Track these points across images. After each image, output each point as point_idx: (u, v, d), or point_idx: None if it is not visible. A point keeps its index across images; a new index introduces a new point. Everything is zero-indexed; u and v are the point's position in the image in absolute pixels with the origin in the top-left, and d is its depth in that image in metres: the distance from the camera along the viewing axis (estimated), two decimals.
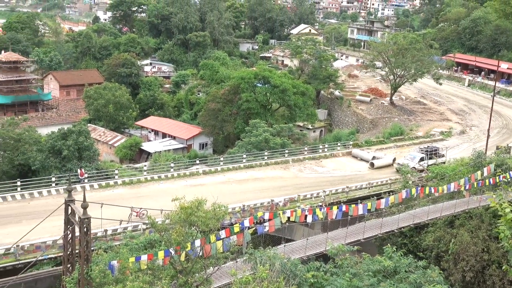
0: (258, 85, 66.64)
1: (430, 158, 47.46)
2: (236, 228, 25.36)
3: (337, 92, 79.48)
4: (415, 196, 33.87)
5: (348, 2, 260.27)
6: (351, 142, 54.91)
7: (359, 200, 35.60)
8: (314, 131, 72.89)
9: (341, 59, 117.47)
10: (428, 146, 49.95)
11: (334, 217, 29.40)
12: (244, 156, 47.77)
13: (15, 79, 79.72)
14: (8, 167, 46.25)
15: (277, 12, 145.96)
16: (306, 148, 52.59)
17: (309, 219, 29.03)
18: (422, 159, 46.96)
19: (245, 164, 46.45)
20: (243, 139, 54.13)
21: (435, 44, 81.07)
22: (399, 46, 70.48)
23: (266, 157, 48.53)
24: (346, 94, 79.12)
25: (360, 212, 30.27)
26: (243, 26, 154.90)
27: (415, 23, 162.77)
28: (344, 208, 29.78)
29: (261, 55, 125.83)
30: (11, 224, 32.13)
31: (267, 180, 43.69)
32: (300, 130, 66.29)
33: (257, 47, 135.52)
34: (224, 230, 24.67)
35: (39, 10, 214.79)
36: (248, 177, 44.03)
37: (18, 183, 38.01)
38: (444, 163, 47.25)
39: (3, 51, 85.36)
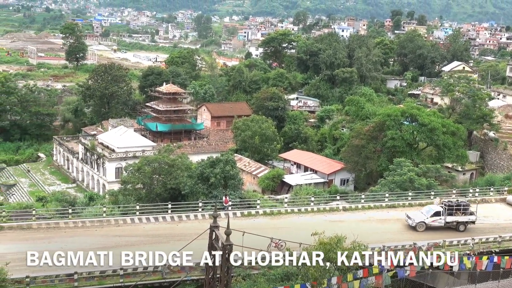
0: (405, 123, 64.62)
1: (450, 215, 40.31)
2: (375, 269, 24.54)
3: (491, 134, 74.35)
4: None
5: (507, 39, 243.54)
6: (506, 188, 50.65)
7: None
8: (464, 174, 68.56)
9: (498, 99, 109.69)
10: (455, 201, 42.01)
11: (483, 268, 27.21)
12: (387, 195, 46.34)
13: (173, 109, 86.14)
14: (161, 190, 49.64)
15: (429, 48, 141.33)
16: (454, 191, 49.56)
17: (455, 267, 27.14)
18: (437, 214, 40.32)
19: (387, 203, 45.02)
20: (387, 178, 52.58)
21: None
22: None
23: (410, 198, 46.58)
24: (502, 136, 73.69)
25: None
26: (391, 62, 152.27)
27: None
28: (495, 259, 27.46)
29: (409, 92, 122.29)
30: (160, 244, 34.43)
31: None
32: (449, 172, 62.74)
33: (405, 84, 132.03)
34: (362, 270, 24.02)
35: (198, 46, 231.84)
36: (390, 217, 42.54)
37: (169, 206, 40.77)
38: (473, 222, 40.66)
39: (164, 83, 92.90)
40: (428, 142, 63.51)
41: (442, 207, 40.59)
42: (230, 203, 42.73)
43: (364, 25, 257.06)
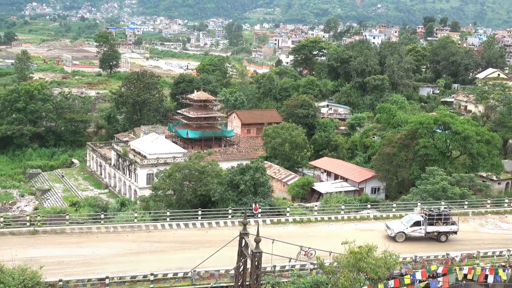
0: (438, 130, 63.57)
1: (431, 224, 38.89)
2: (407, 280, 24.16)
3: None
4: None
5: None
6: None
7: None
8: (499, 183, 66.97)
9: None
10: (436, 210, 40.31)
11: None
12: (419, 204, 45.61)
13: (203, 116, 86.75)
14: (192, 196, 49.98)
15: (462, 55, 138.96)
16: (489, 201, 48.48)
17: (490, 279, 26.54)
18: (417, 224, 38.82)
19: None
20: (419, 186, 51.81)
21: None
22: None
23: (442, 207, 45.73)
24: None
25: None
26: (424, 69, 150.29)
27: None
28: None
29: (442, 99, 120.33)
30: (190, 250, 34.65)
31: None
32: (483, 181, 61.33)
33: (438, 92, 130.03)
34: (393, 280, 23.66)
35: (228, 54, 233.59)
36: None
37: (199, 212, 41.04)
38: (455, 233, 39.20)
39: (195, 91, 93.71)
40: (462, 150, 62.32)
41: (422, 216, 39.34)
42: (259, 210, 42.72)
43: (396, 32, 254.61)
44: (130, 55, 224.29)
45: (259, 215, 42.30)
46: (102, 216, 40.86)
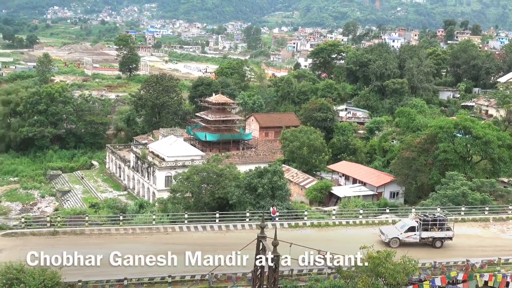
0: (458, 135, 62.90)
1: (426, 230, 38.14)
2: (426, 286, 23.96)
3: None
4: None
5: None
6: None
7: None
8: None
9: None
10: (431, 215, 39.40)
11: None
12: (438, 209, 45.14)
13: (222, 119, 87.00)
14: (209, 199, 50.11)
15: (483, 59, 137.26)
16: (510, 207, 47.75)
17: None
18: (412, 229, 38.17)
19: None
20: (438, 191, 51.26)
21: None
22: None
23: (462, 213, 45.24)
24: None
25: None
26: (444, 73, 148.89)
27: None
28: None
29: (463, 104, 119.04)
30: (207, 253, 34.69)
31: (462, 237, 40.51)
32: (504, 187, 60.44)
33: (458, 96, 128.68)
34: (412, 286, 23.47)
35: (247, 57, 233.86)
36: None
37: (217, 215, 41.15)
38: (451, 238, 38.43)
39: (213, 94, 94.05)
40: (483, 155, 61.56)
41: (417, 222, 38.62)
42: (277, 213, 42.68)
43: (415, 35, 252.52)
44: (150, 58, 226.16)
45: (277, 219, 42.26)
46: (121, 217, 41.22)
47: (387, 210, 46.85)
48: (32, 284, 25.95)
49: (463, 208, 45.74)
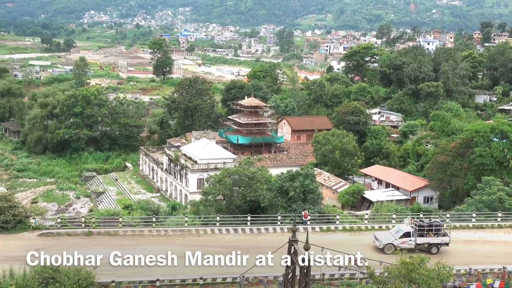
0: (495, 139, 61.52)
1: (421, 236, 36.92)
2: None
3: None
4: None
5: None
6: None
7: None
8: None
9: None
10: (427, 221, 38.17)
11: None
12: (474, 215, 44.24)
13: (254, 122, 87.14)
14: (241, 202, 50.24)
15: None
16: None
17: None
18: (407, 235, 37.00)
19: (474, 223, 43.04)
20: (474, 197, 50.22)
21: None
22: None
23: (499, 219, 44.21)
24: None
25: None
26: (480, 76, 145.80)
27: None
28: None
29: (500, 107, 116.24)
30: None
31: (499, 244, 39.64)
32: None
33: (495, 99, 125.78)
34: None
35: (279, 60, 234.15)
36: (477, 239, 40.57)
37: (249, 218, 41.25)
38: (447, 244, 37.02)
39: (246, 97, 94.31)
40: None
41: (412, 227, 37.78)
42: (309, 217, 42.51)
43: (451, 37, 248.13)
44: (183, 61, 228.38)
45: (308, 222, 42.10)
46: (154, 219, 41.72)
47: (421, 215, 46.10)
48: (67, 283, 26.50)
49: (499, 214, 44.67)
